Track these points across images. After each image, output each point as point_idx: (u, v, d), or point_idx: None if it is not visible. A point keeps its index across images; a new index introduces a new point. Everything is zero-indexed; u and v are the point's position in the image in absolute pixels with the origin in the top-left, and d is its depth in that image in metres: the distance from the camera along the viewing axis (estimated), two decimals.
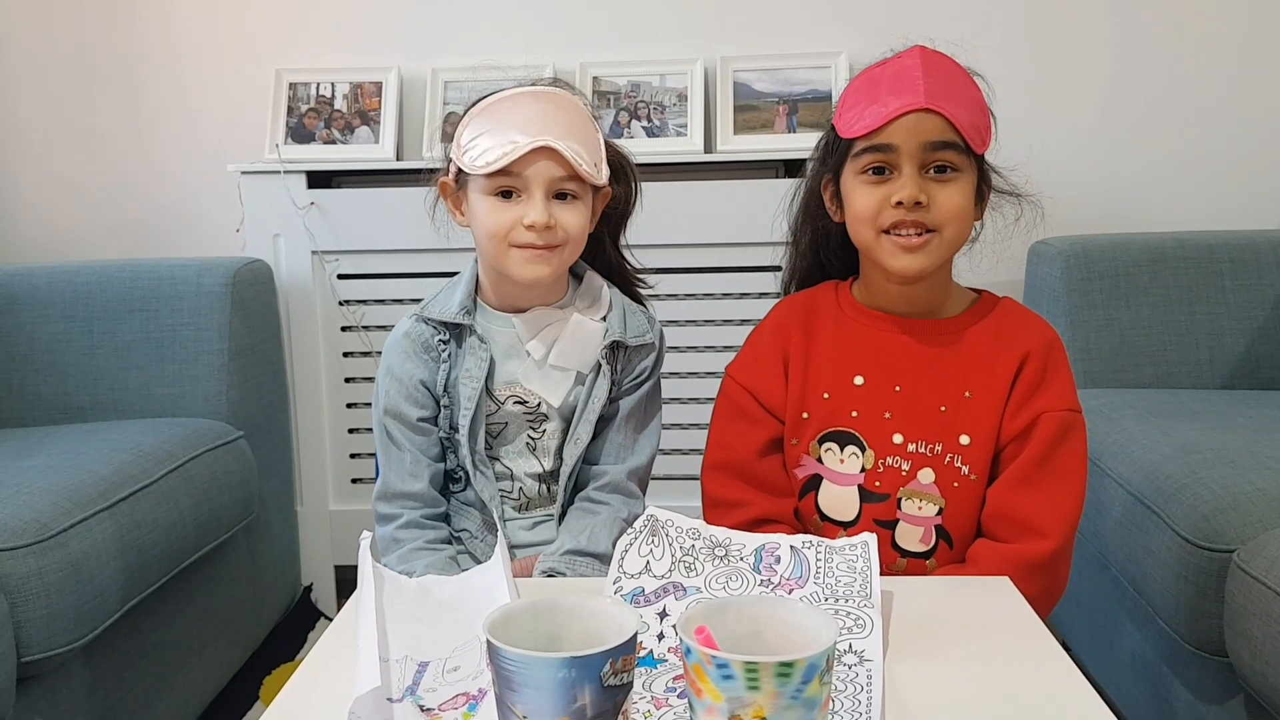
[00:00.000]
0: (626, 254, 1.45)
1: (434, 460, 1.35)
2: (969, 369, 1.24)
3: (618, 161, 1.37)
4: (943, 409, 1.24)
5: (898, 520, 1.25)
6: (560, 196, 1.27)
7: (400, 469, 1.34)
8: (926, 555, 1.25)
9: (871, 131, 1.20)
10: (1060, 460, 1.21)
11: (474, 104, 1.30)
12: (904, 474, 1.24)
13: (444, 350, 1.33)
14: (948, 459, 1.23)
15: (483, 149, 1.24)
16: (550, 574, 1.28)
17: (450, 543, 1.35)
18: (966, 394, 1.23)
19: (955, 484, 1.23)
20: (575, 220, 1.27)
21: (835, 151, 1.27)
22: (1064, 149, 2.41)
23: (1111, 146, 2.43)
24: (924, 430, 1.24)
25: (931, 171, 1.19)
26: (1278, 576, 1.28)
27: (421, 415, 1.34)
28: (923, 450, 1.24)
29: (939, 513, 1.24)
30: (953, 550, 1.24)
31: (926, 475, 1.24)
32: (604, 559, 1.26)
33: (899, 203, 1.18)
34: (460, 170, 1.29)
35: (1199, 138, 2.41)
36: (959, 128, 1.18)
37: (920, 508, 1.24)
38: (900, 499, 1.25)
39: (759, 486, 1.30)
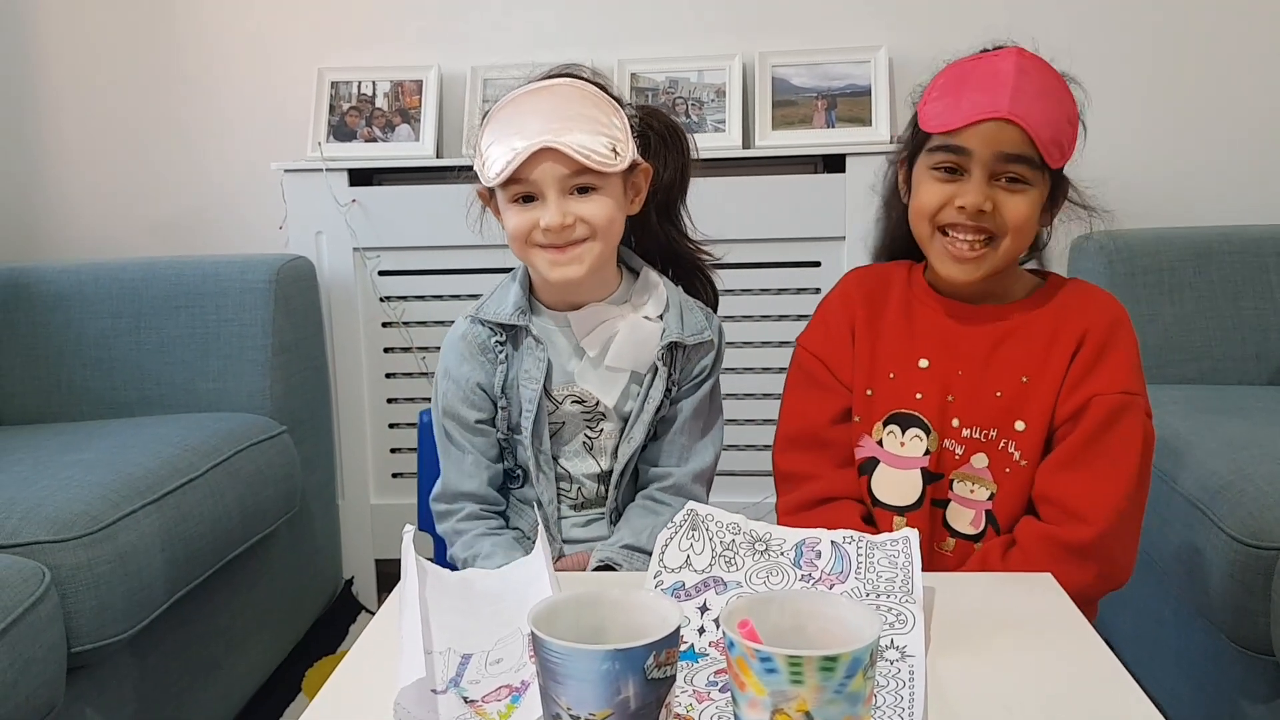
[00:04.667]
0: (688, 229, 1.41)
1: (493, 461, 1.35)
2: (1029, 354, 1.24)
3: (666, 130, 1.34)
4: (998, 394, 1.24)
5: (949, 500, 1.26)
6: (580, 190, 1.23)
7: (460, 469, 1.33)
8: (976, 539, 1.25)
9: (948, 131, 1.19)
10: (1109, 443, 1.19)
11: (490, 109, 1.28)
12: (957, 457, 1.25)
13: (501, 351, 1.32)
14: (1002, 444, 1.23)
15: (493, 159, 1.22)
16: (606, 564, 1.27)
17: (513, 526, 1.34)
18: (1024, 379, 1.23)
19: (1007, 470, 1.23)
20: (598, 211, 1.23)
21: (915, 137, 1.27)
22: (1106, 141, 2.35)
23: (1155, 139, 2.40)
24: (979, 416, 1.24)
25: (1003, 180, 1.19)
26: None
27: (479, 418, 1.33)
28: (977, 435, 1.24)
29: (990, 498, 1.24)
30: (1000, 536, 1.24)
31: (980, 460, 1.24)
32: None
33: (962, 207, 1.19)
34: None
35: (1244, 130, 2.37)
36: (1037, 143, 1.17)
37: (972, 490, 1.25)
38: (953, 480, 1.25)
39: (830, 456, 1.31)
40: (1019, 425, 1.22)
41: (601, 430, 1.34)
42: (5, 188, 2.61)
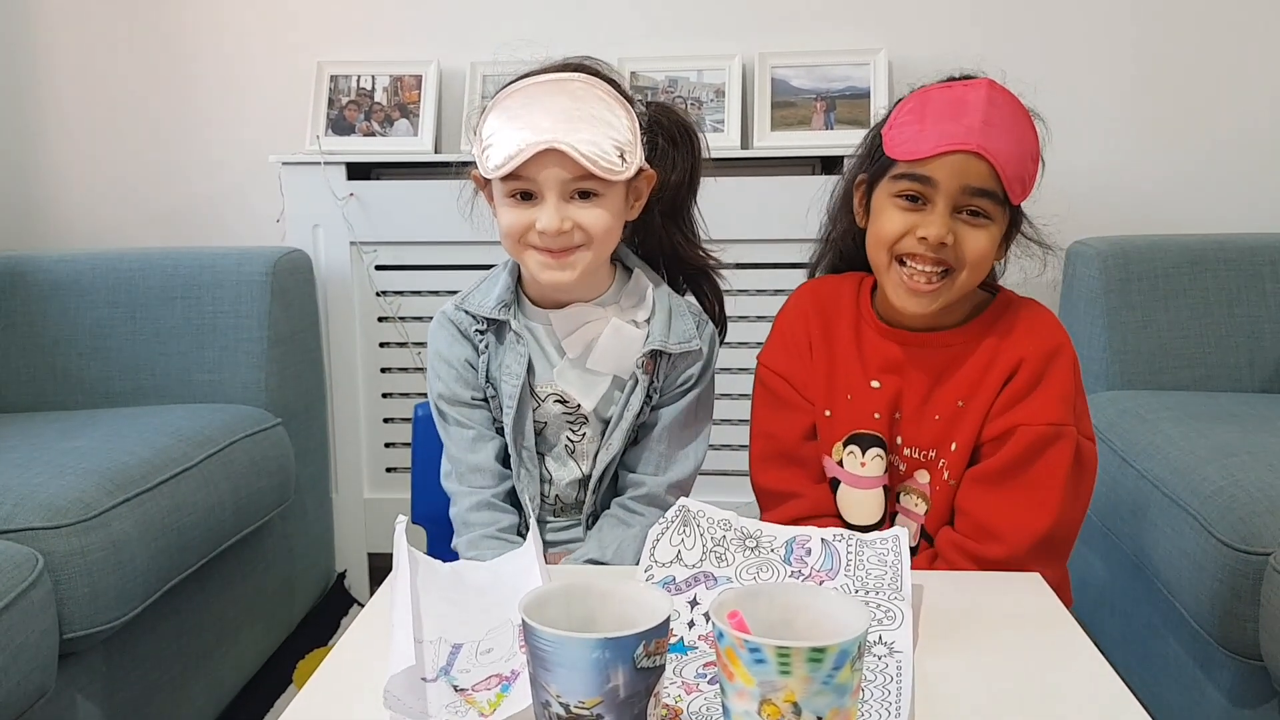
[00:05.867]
0: (698, 228, 1.38)
1: (497, 434, 1.32)
2: (967, 379, 1.23)
3: (676, 129, 1.32)
4: (937, 418, 1.24)
5: (896, 514, 1.27)
6: (581, 194, 1.20)
7: (463, 443, 1.31)
8: (913, 551, 1.25)
9: (915, 160, 1.17)
10: (1031, 473, 1.19)
11: (497, 92, 1.24)
12: (901, 472, 1.27)
13: (482, 340, 1.30)
14: (940, 464, 1.24)
15: (495, 150, 1.18)
16: None
17: (520, 533, 1.31)
18: (959, 403, 1.23)
19: (937, 488, 1.25)
20: (597, 219, 1.20)
21: (877, 160, 1.25)
22: (1103, 148, 2.39)
23: (1151, 146, 2.41)
24: (921, 437, 1.25)
25: (964, 214, 1.18)
26: None
27: (475, 395, 1.31)
28: (918, 456, 1.25)
29: (926, 514, 1.25)
30: (930, 549, 1.26)
31: (922, 476, 1.26)
32: None
33: (923, 238, 1.17)
34: None
35: (1240, 137, 2.38)
36: (1002, 178, 1.15)
37: (916, 504, 1.26)
38: (900, 494, 1.27)
39: (807, 472, 1.30)
40: (953, 446, 1.23)
41: (584, 434, 1.32)
42: (3, 176, 2.61)
